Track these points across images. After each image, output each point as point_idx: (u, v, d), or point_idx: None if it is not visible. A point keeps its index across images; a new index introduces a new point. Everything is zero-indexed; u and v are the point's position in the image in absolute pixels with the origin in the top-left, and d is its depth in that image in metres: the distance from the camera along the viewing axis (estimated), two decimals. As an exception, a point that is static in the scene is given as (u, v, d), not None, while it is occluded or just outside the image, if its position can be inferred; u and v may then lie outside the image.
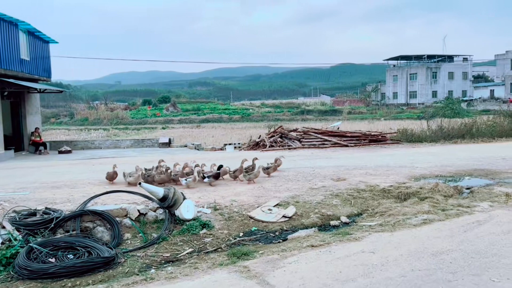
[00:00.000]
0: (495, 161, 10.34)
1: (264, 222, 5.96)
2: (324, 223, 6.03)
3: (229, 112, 59.39)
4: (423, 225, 5.39)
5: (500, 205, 6.27)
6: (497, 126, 16.54)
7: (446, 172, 9.14)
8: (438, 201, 6.54)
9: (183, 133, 30.69)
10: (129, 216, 5.63)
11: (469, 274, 3.85)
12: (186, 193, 6.91)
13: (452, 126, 16.38)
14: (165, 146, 20.27)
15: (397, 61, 77.74)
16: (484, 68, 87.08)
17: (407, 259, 4.23)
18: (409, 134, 16.18)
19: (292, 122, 39.39)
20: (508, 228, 5.09)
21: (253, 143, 17.03)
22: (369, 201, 6.92)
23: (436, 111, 33.91)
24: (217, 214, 6.06)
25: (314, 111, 59.14)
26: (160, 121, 50.98)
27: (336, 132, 17.12)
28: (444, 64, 71.84)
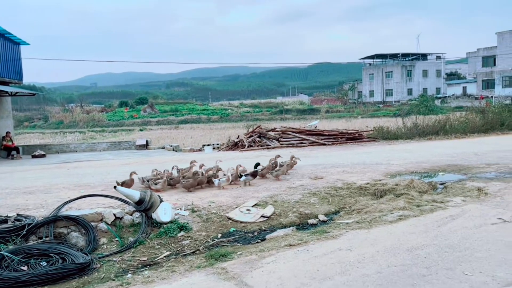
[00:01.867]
0: (468, 157, 10.61)
1: (243, 222, 5.95)
2: (302, 222, 6.06)
3: (208, 113, 59.17)
4: (399, 221, 5.48)
5: (472, 199, 6.43)
6: (469, 123, 16.96)
7: (421, 168, 9.32)
8: (413, 197, 6.66)
9: (161, 134, 30.40)
10: (105, 221, 5.53)
11: (442, 268, 3.93)
12: (163, 195, 6.84)
13: (427, 123, 16.71)
14: (143, 148, 20.03)
15: (373, 60, 78.94)
16: (457, 65, 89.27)
17: (383, 256, 4.29)
18: (385, 131, 16.43)
19: (271, 122, 39.53)
20: (480, 222, 5.22)
21: (231, 144, 17.00)
22: (346, 199, 6.99)
23: (411, 109, 34.62)
24: (195, 216, 6.02)
25: (292, 111, 59.50)
26: (138, 123, 50.36)
27: (314, 131, 17.24)
28: (418, 62, 73.35)
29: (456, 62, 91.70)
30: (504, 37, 58.38)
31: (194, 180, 7.60)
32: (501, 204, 6.01)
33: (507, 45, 57.62)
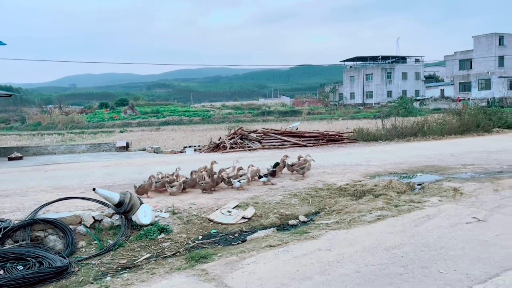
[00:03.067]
0: (445, 158, 10.84)
1: (224, 224, 5.96)
2: (282, 223, 6.10)
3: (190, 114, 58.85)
4: (377, 221, 5.57)
5: (448, 199, 6.58)
6: (446, 124, 17.33)
7: (399, 169, 9.49)
8: (392, 198, 6.78)
9: (142, 136, 30.09)
10: (83, 223, 5.46)
11: (419, 266, 4.02)
12: (144, 198, 6.80)
13: (406, 125, 17.00)
14: (123, 150, 19.81)
15: (354, 62, 79.92)
16: (435, 68, 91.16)
17: (362, 255, 4.36)
18: (365, 133, 16.65)
19: (253, 123, 39.57)
20: (455, 221, 5.36)
21: (213, 145, 16.96)
22: (326, 200, 7.06)
23: (390, 111, 35.13)
24: (175, 218, 5.99)
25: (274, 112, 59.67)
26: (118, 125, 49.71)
27: (295, 132, 17.35)
28: (398, 65, 74.57)
29: (434, 65, 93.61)
30: (480, 41, 59.90)
31: (212, 181, 7.59)
32: (476, 204, 6.17)
33: (483, 48, 59.14)
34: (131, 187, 8.07)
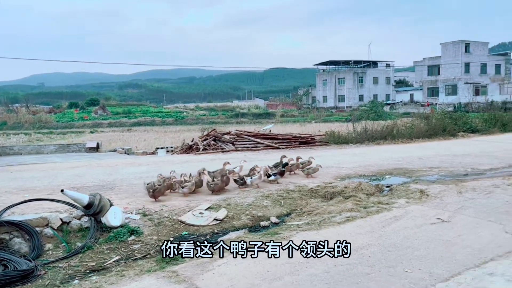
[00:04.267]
0: (412, 161, 11.16)
1: (195, 226, 5.94)
2: (254, 224, 6.13)
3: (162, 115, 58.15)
4: (347, 222, 5.69)
5: (415, 201, 6.79)
6: (415, 128, 17.81)
7: (369, 171, 9.70)
8: (361, 199, 6.94)
9: (113, 137, 29.56)
10: (50, 226, 5.33)
11: (385, 266, 4.14)
12: (114, 199, 6.70)
13: (376, 128, 17.37)
14: (93, 151, 19.43)
15: (327, 66, 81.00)
16: (405, 73, 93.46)
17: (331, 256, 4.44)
18: (336, 136, 16.92)
19: (227, 125, 39.52)
20: (421, 222, 5.54)
21: (186, 147, 16.86)
22: (298, 201, 7.15)
23: (361, 114, 35.82)
24: (146, 220, 5.94)
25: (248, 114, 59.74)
26: (88, 125, 48.62)
27: (268, 135, 17.46)
28: (369, 70, 76.10)
29: (404, 70, 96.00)
30: (447, 48, 61.91)
31: (222, 182, 7.56)
32: (440, 205, 6.39)
33: (450, 55, 61.15)
34: (101, 189, 7.96)
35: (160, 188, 7.11)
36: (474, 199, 6.71)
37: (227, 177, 7.70)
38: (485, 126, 19.49)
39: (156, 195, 7.03)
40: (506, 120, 20.40)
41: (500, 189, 7.33)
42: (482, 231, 5.12)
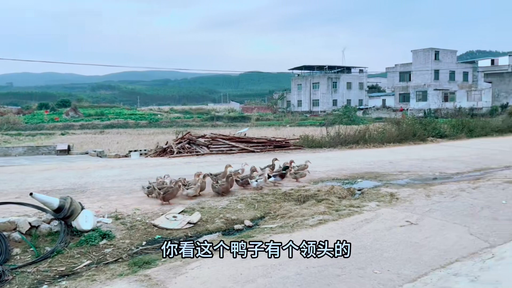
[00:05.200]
0: (384, 165, 11.42)
1: (169, 229, 5.91)
2: (228, 228, 6.15)
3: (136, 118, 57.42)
4: (319, 225, 5.78)
5: (385, 204, 6.96)
6: (386, 133, 18.20)
7: (341, 175, 9.88)
8: (333, 203, 7.06)
9: (85, 139, 28.98)
10: (18, 230, 5.20)
11: (355, 268, 4.24)
12: (86, 203, 6.59)
13: (349, 133, 17.67)
14: (64, 153, 18.99)
15: (301, 71, 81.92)
16: (377, 79, 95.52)
17: (303, 258, 4.51)
18: (310, 140, 17.11)
19: (202, 128, 39.35)
20: (390, 225, 5.69)
21: (160, 150, 16.70)
22: (272, 204, 7.21)
23: (335, 119, 36.31)
24: (118, 224, 5.87)
25: (224, 118, 59.72)
26: (59, 127, 47.49)
27: (243, 138, 17.50)
28: (343, 75, 77.39)
29: (377, 76, 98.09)
30: (418, 55, 63.68)
31: (228, 183, 7.56)
32: (409, 208, 6.58)
33: (420, 62, 62.92)
34: (72, 192, 7.81)
35: (172, 190, 7.03)
36: (441, 202, 6.93)
37: (231, 179, 7.78)
38: (453, 132, 20.10)
39: (167, 197, 6.97)
40: (473, 126, 21.10)
41: (466, 193, 7.61)
42: (448, 233, 5.31)
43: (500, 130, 21.73)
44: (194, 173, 8.15)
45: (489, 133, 20.90)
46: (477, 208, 6.53)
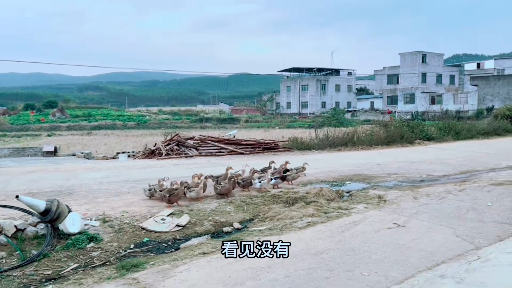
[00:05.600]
0: (372, 167, 11.52)
1: (157, 232, 5.88)
2: (217, 230, 6.15)
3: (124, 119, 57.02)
4: (308, 228, 5.81)
5: (373, 206, 7.02)
6: (374, 135, 18.35)
7: (330, 177, 9.93)
8: (322, 205, 7.09)
9: (72, 140, 28.68)
10: (4, 233, 5.12)
11: (344, 270, 4.26)
12: (73, 205, 6.52)
13: (337, 135, 17.77)
14: (50, 155, 18.76)
15: (290, 73, 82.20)
16: (366, 82, 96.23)
17: (292, 260, 4.53)
18: (299, 142, 17.17)
19: (191, 130, 39.25)
20: (378, 227, 5.74)
21: (148, 151, 16.60)
22: (261, 207, 7.22)
23: (324, 121, 36.54)
24: (106, 227, 5.82)
25: (212, 119, 59.64)
26: (46, 128, 46.93)
27: (232, 140, 17.49)
28: (331, 77, 77.87)
29: (365, 79, 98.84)
30: (406, 58, 64.36)
31: (230, 185, 7.55)
32: (397, 210, 6.65)
33: (408, 65, 63.59)
34: (59, 195, 7.73)
35: (178, 192, 6.98)
36: (428, 205, 7.01)
37: (234, 181, 7.80)
38: (439, 134, 20.36)
39: (172, 199, 6.93)
40: (459, 128, 21.39)
41: (452, 195, 7.71)
42: (434, 235, 5.37)
43: (485, 133, 22.08)
44: (182, 175, 8.14)
45: (475, 136, 21.21)
46: (463, 210, 6.62)
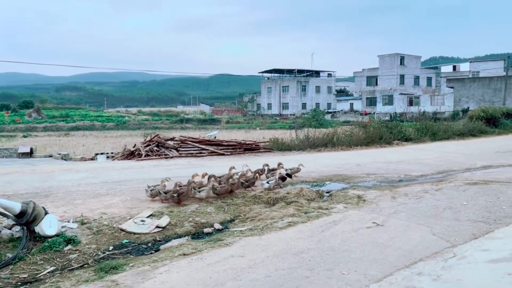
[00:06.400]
0: (351, 167, 11.65)
1: (137, 234, 5.82)
2: (198, 231, 6.12)
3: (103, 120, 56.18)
4: (288, 228, 5.84)
5: (353, 206, 7.10)
6: (354, 136, 18.56)
7: (310, 178, 10.00)
8: (302, 205, 7.14)
9: (49, 141, 28.08)
10: (-23, 236, 4.99)
11: (324, 269, 4.30)
12: (50, 207, 6.39)
13: (317, 136, 17.90)
14: (26, 156, 18.33)
15: (271, 74, 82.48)
16: (345, 83, 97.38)
17: (273, 260, 4.55)
18: (280, 143, 17.24)
19: (171, 131, 38.96)
20: (358, 226, 5.81)
21: (127, 152, 16.40)
22: (242, 207, 7.22)
23: (304, 122, 36.77)
24: (84, 229, 5.72)
25: (193, 120, 59.31)
26: (21, 129, 45.81)
27: (213, 141, 17.43)
28: (312, 79, 78.46)
29: (345, 80, 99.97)
30: (384, 60, 65.37)
31: (228, 185, 7.55)
32: (376, 210, 6.75)
33: (386, 67, 64.60)
34: (35, 197, 7.57)
35: (186, 192, 6.90)
36: (406, 204, 7.14)
37: (238, 182, 7.90)
38: (417, 135, 20.73)
39: (182, 199, 6.89)
40: (436, 129, 21.83)
41: (429, 194, 7.87)
42: (412, 234, 5.47)
43: (461, 134, 22.60)
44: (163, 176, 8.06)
45: (451, 137, 21.69)
46: (440, 209, 6.76)
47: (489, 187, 8.47)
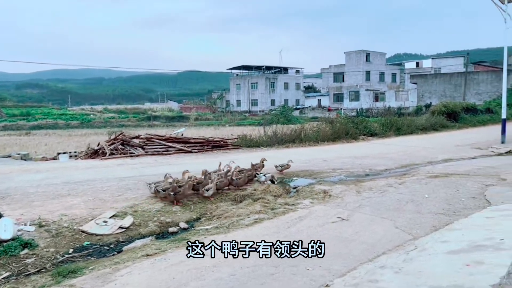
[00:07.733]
0: (318, 163, 11.76)
1: (99, 235, 5.65)
2: (162, 231, 6.00)
3: (67, 118, 54.41)
4: (255, 224, 5.82)
5: (319, 201, 7.16)
6: (321, 132, 18.76)
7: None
8: (269, 201, 7.13)
9: (8, 141, 26.91)
10: None
11: (289, 265, 4.29)
12: (5, 210, 6.11)
13: (285, 132, 17.99)
14: (-17, 157, 17.46)
15: (240, 71, 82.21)
16: (313, 80, 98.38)
17: (238, 258, 4.49)
18: (248, 139, 17.20)
19: (138, 129, 38.16)
20: (323, 221, 5.85)
21: (91, 151, 15.93)
22: (208, 205, 7.14)
23: (272, 118, 36.88)
24: (42, 231, 5.50)
25: (161, 117, 58.39)
26: (-22, 128, 43.73)
27: (181, 138, 17.19)
28: (280, 75, 78.81)
29: (312, 77, 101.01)
30: (351, 56, 66.43)
31: (226, 179, 7.65)
32: (341, 205, 6.82)
33: (353, 63, 65.68)
34: (-10, 199, 7.21)
35: (183, 190, 6.64)
36: (371, 198, 7.26)
37: (245, 176, 8.17)
38: (382, 130, 21.18)
39: (178, 197, 6.69)
40: (400, 124, 22.38)
41: (393, 188, 8.04)
42: (376, 228, 5.56)
43: (424, 128, 23.28)
44: (128, 175, 7.86)
45: (414, 131, 22.29)
46: (403, 202, 6.92)
47: (449, 179, 8.75)
